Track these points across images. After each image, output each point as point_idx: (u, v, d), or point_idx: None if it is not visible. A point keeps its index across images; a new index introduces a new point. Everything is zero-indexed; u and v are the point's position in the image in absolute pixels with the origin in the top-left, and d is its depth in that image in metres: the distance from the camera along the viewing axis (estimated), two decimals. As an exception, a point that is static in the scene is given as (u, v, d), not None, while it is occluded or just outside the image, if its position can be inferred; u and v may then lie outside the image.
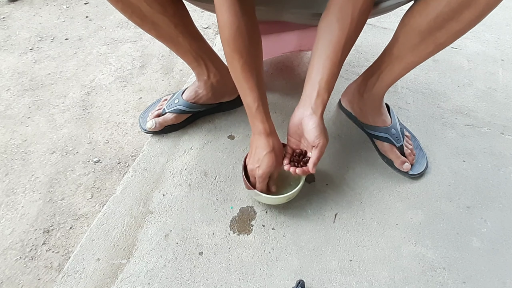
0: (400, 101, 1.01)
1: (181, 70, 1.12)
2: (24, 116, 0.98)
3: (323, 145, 0.63)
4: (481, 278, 0.71)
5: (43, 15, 1.30)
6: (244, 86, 0.65)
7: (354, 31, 0.61)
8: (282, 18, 0.82)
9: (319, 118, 0.64)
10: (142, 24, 0.70)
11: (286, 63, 1.09)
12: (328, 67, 0.62)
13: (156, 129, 0.87)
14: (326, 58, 0.62)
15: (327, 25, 0.62)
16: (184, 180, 0.82)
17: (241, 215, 0.77)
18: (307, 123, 0.64)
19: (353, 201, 0.80)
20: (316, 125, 0.63)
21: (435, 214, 0.79)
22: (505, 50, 1.20)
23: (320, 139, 0.63)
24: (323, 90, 0.63)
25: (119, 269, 0.69)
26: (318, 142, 0.63)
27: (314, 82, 0.64)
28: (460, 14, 0.55)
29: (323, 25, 0.63)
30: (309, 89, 0.65)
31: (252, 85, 0.64)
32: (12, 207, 0.81)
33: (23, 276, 0.72)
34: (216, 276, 0.69)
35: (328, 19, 0.62)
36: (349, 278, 0.70)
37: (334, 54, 0.62)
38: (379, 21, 1.25)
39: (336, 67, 0.63)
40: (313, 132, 0.63)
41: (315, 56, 0.64)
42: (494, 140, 0.93)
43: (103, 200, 0.82)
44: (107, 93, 1.04)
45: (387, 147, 0.84)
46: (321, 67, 0.63)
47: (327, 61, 0.62)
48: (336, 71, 0.63)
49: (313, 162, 0.64)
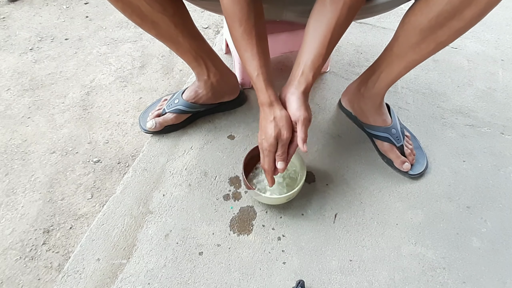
0: (400, 101, 1.01)
1: (181, 70, 1.12)
2: (24, 116, 0.98)
3: (304, 118, 0.62)
4: (481, 278, 0.71)
5: (43, 15, 1.30)
6: (244, 55, 0.64)
7: (345, 16, 0.61)
8: (282, 18, 0.82)
9: (300, 93, 0.63)
10: (142, 23, 0.70)
11: (286, 63, 1.09)
12: (315, 47, 0.62)
13: (156, 129, 0.87)
14: (314, 39, 0.62)
15: (320, 7, 0.62)
16: (184, 180, 0.82)
17: (241, 215, 0.77)
18: (289, 98, 0.64)
19: (353, 201, 0.80)
20: (297, 98, 0.62)
21: (435, 214, 0.79)
22: (505, 50, 1.20)
23: (301, 112, 0.62)
24: (307, 69, 0.62)
25: (119, 269, 0.69)
26: (299, 115, 0.62)
27: (300, 61, 0.63)
28: (461, 12, 0.55)
29: (316, 7, 0.63)
30: (295, 68, 0.65)
31: (253, 53, 0.63)
32: (12, 207, 0.81)
33: (23, 276, 0.71)
34: (216, 276, 0.69)
35: (321, 2, 0.62)
36: (349, 278, 0.70)
37: (323, 36, 0.61)
38: (379, 21, 1.25)
39: (324, 49, 0.62)
40: (293, 105, 0.62)
41: (305, 37, 0.64)
42: (494, 140, 0.93)
43: (103, 200, 0.82)
44: (107, 93, 1.04)
45: (387, 147, 0.84)
46: (308, 48, 0.63)
47: (315, 42, 0.62)
48: (323, 52, 0.62)
49: (301, 138, 0.62)
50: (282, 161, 0.66)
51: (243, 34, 0.62)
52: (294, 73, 0.65)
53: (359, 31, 1.22)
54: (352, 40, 1.18)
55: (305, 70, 0.63)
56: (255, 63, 0.63)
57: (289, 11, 0.78)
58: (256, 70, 0.63)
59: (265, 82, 0.64)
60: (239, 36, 0.62)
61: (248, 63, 0.64)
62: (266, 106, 0.64)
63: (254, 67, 0.63)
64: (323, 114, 0.96)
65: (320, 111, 0.97)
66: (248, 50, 0.63)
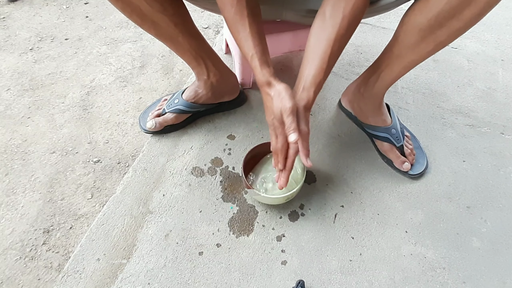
0: (400, 101, 1.01)
1: (181, 70, 1.12)
2: (24, 116, 0.98)
3: (305, 133, 0.63)
4: (481, 278, 0.71)
5: (43, 15, 1.30)
6: (238, 37, 0.63)
7: (346, 29, 0.61)
8: (282, 18, 0.82)
9: (302, 108, 0.63)
10: (142, 23, 0.70)
11: (286, 63, 1.09)
12: (317, 63, 0.62)
13: (156, 129, 0.87)
14: (315, 54, 0.62)
15: (320, 22, 0.62)
16: (184, 180, 0.82)
17: (241, 215, 0.77)
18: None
19: (353, 201, 0.80)
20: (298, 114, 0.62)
21: (435, 214, 0.79)
22: (505, 50, 1.20)
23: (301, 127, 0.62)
24: (308, 84, 0.63)
25: (119, 269, 0.69)
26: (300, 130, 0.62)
27: (301, 77, 0.64)
28: (460, 12, 0.55)
29: (316, 22, 0.64)
30: (297, 83, 0.65)
31: (246, 34, 0.62)
32: (12, 207, 0.81)
33: (23, 276, 0.72)
34: (216, 276, 0.69)
35: (321, 16, 0.62)
36: (349, 278, 0.70)
37: (324, 50, 0.61)
38: (379, 21, 1.25)
39: (326, 63, 0.62)
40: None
41: (306, 52, 0.64)
42: (494, 140, 0.93)
43: (103, 200, 0.82)
44: (107, 93, 1.04)
45: (387, 147, 0.84)
46: (309, 63, 0.63)
47: (316, 57, 0.62)
48: (325, 67, 0.62)
49: (304, 153, 0.62)
50: (294, 132, 0.60)
51: (235, 15, 0.61)
52: (295, 88, 0.65)
53: (359, 31, 1.22)
54: (352, 40, 1.17)
55: (306, 86, 0.63)
56: (249, 43, 0.62)
57: (288, 11, 0.78)
58: (250, 50, 0.62)
59: (260, 61, 0.62)
60: (232, 17, 0.62)
61: (242, 44, 0.63)
62: (265, 86, 0.63)
63: (249, 47, 0.62)
64: (323, 114, 0.96)
65: (320, 111, 0.97)
66: (241, 31, 0.62)
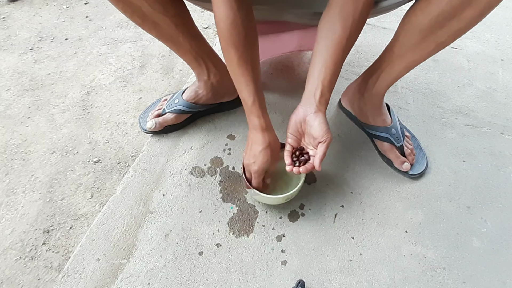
0: (400, 101, 1.01)
1: (181, 70, 1.12)
2: (24, 116, 0.98)
3: (330, 140, 0.64)
4: (481, 278, 0.71)
5: (43, 15, 1.30)
6: (240, 80, 0.65)
7: (355, 31, 0.62)
8: (282, 18, 0.82)
9: (323, 114, 0.65)
10: (142, 24, 0.70)
11: (286, 63, 1.09)
12: (330, 66, 0.63)
13: (156, 129, 0.87)
14: (328, 57, 0.63)
15: (329, 25, 0.63)
16: (184, 180, 0.82)
17: (241, 215, 0.77)
18: (313, 119, 0.64)
19: (353, 201, 0.80)
20: (323, 121, 0.64)
21: (435, 214, 0.79)
22: (505, 50, 1.20)
23: (328, 134, 0.64)
24: (326, 89, 0.64)
25: (119, 269, 0.69)
26: (326, 137, 0.64)
27: (317, 81, 0.64)
28: (461, 12, 0.55)
29: (324, 25, 0.64)
30: (313, 88, 0.65)
31: (248, 79, 0.65)
32: (12, 207, 0.81)
33: (23, 276, 0.71)
34: (216, 276, 0.69)
35: (329, 19, 0.63)
36: (349, 278, 0.70)
37: (336, 53, 0.63)
38: (379, 21, 1.25)
39: (338, 67, 0.64)
40: (321, 127, 0.64)
41: (317, 55, 0.65)
42: (494, 140, 0.93)
43: (103, 200, 0.82)
44: (107, 93, 1.04)
45: (387, 147, 0.84)
46: (323, 67, 0.64)
47: (329, 61, 0.63)
48: (337, 70, 0.64)
49: (320, 157, 0.64)
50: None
51: (239, 60, 0.63)
52: (312, 93, 0.65)
53: (359, 31, 1.22)
54: (352, 40, 1.18)
55: (323, 91, 0.64)
56: (251, 88, 0.65)
57: (289, 13, 0.78)
58: (252, 96, 0.65)
59: (261, 108, 0.67)
60: (235, 62, 0.64)
61: (243, 88, 0.66)
62: (259, 131, 0.67)
63: (250, 92, 0.65)
64: (323, 114, 0.96)
65: (320, 111, 0.97)
66: (245, 76, 0.65)
